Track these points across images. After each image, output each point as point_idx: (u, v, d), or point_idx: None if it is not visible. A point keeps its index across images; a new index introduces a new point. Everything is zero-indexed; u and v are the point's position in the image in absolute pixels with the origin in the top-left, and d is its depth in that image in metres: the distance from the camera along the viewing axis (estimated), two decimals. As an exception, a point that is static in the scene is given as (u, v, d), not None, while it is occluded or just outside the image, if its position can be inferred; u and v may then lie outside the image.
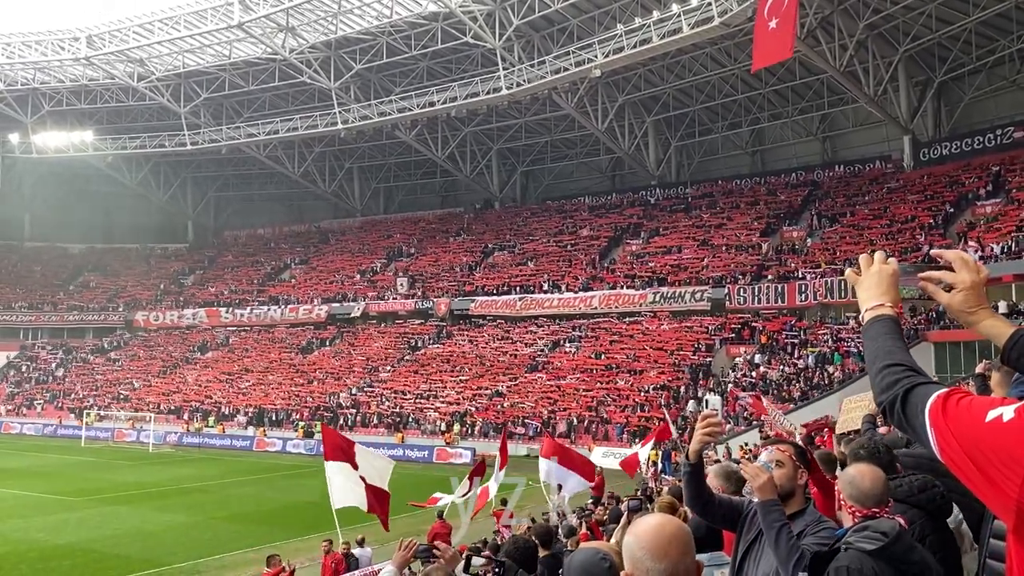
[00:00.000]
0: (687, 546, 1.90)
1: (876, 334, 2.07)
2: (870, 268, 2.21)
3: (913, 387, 1.87)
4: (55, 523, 23.20)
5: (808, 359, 36.67)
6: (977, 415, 1.69)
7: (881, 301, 2.13)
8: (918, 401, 1.83)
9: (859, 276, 2.22)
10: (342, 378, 51.02)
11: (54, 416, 54.09)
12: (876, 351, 2.03)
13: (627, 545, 1.90)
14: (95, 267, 73.12)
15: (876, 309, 2.13)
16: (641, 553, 1.86)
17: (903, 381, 1.90)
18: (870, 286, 2.18)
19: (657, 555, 1.85)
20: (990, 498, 1.65)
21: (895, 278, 2.17)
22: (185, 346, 61.76)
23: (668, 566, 1.84)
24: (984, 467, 1.63)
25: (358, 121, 53.90)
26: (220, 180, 73.61)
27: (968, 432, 1.69)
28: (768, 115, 52.32)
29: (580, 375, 43.04)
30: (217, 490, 30.04)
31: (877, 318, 2.11)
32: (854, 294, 2.25)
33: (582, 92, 48.79)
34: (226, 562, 18.80)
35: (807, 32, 38.27)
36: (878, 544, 2.80)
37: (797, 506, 3.67)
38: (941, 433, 1.74)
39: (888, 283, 2.16)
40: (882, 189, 45.46)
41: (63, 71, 58.99)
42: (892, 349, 2.01)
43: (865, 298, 2.17)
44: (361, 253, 64.99)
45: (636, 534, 1.92)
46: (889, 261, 2.21)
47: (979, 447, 1.65)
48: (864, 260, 2.24)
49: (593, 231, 55.46)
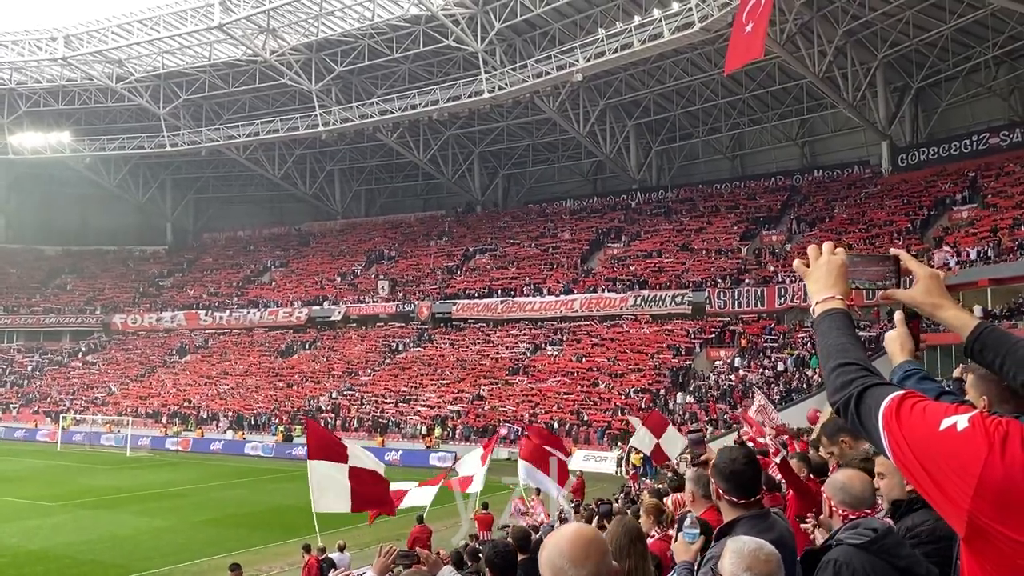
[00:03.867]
0: (605, 550, 1.91)
1: (828, 329, 2.04)
2: (818, 260, 2.17)
3: (867, 388, 1.84)
4: (29, 528, 22.91)
5: (787, 362, 36.92)
6: (931, 423, 1.67)
7: (831, 293, 2.10)
8: (872, 403, 1.80)
9: (808, 268, 2.19)
10: (322, 381, 50.77)
11: (29, 420, 53.44)
12: (829, 348, 1.99)
13: (547, 558, 1.89)
14: (72, 269, 72.32)
15: (826, 302, 2.09)
16: (562, 561, 1.86)
17: (857, 381, 1.87)
18: (819, 278, 2.14)
19: (577, 560, 1.85)
20: (942, 507, 1.64)
21: (844, 269, 2.14)
22: (163, 349, 61.24)
23: (591, 569, 1.85)
24: (936, 476, 1.62)
25: (339, 123, 53.70)
26: (199, 182, 73.07)
27: (921, 440, 1.67)
28: (748, 120, 52.66)
29: (561, 378, 43.07)
30: (195, 494, 29.79)
31: (828, 312, 2.08)
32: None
33: (564, 96, 48.89)
34: (203, 567, 18.64)
35: (786, 37, 38.56)
36: (867, 538, 2.82)
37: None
38: (894, 438, 1.72)
39: (837, 274, 2.12)
40: (860, 194, 45.87)
41: (40, 71, 58.35)
42: (845, 346, 1.97)
43: (815, 290, 2.13)
44: (342, 256, 64.73)
45: (555, 543, 1.91)
46: (837, 251, 2.17)
47: (932, 456, 1.64)
48: (812, 251, 2.20)
49: (574, 234, 55.56)
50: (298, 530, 19.25)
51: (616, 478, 29.64)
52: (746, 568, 2.44)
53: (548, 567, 1.88)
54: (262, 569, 18.24)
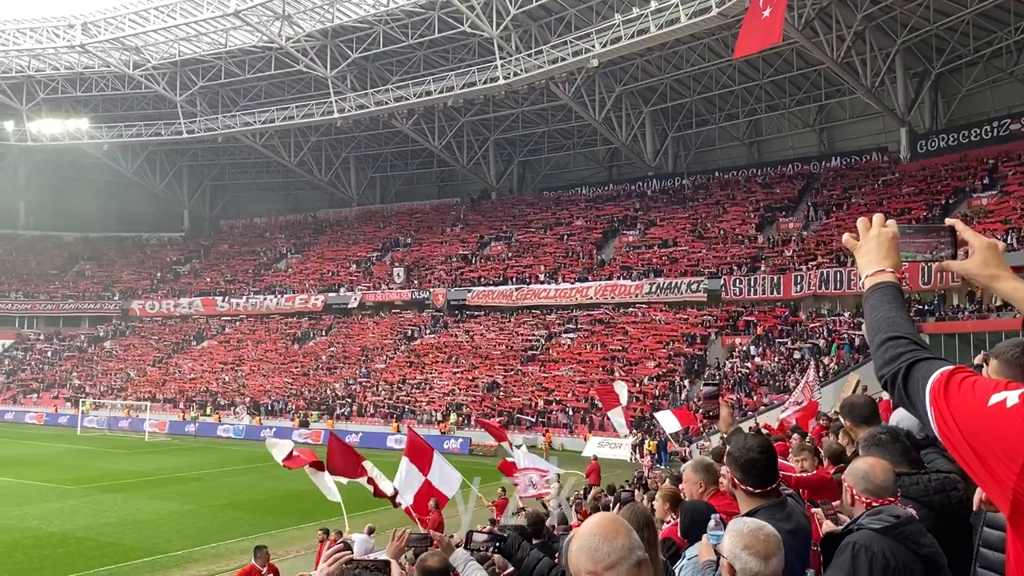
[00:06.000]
0: (631, 528, 1.96)
1: (877, 303, 1.99)
2: (869, 232, 2.11)
3: (916, 362, 1.80)
4: (50, 511, 23.21)
5: (803, 350, 36.77)
6: (980, 398, 1.62)
7: (881, 267, 2.04)
8: (920, 377, 1.76)
9: (858, 241, 2.13)
10: (338, 368, 51.03)
11: (50, 405, 54.06)
12: (878, 322, 1.94)
13: (578, 546, 1.91)
14: (90, 256, 72.90)
15: (876, 276, 2.04)
16: (594, 540, 1.90)
17: (906, 355, 1.82)
18: (869, 251, 2.08)
19: (609, 535, 1.90)
20: (986, 485, 1.60)
21: (895, 241, 2.08)
22: (180, 335, 61.70)
23: (623, 542, 1.88)
24: (982, 453, 1.58)
25: (354, 110, 53.73)
26: (216, 169, 73.40)
27: (968, 415, 1.63)
28: (765, 106, 52.26)
29: (575, 366, 43.10)
30: (213, 479, 30.06)
31: (877, 285, 2.02)
32: (853, 262, 2.16)
33: (579, 82, 48.69)
34: (221, 551, 18.82)
35: (805, 23, 38.18)
36: (888, 524, 2.79)
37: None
38: (941, 414, 1.68)
39: (888, 247, 2.06)
40: (878, 181, 45.47)
41: (58, 59, 58.69)
42: (895, 320, 1.92)
43: (864, 264, 2.07)
44: (357, 243, 64.89)
45: (584, 530, 1.95)
46: (888, 224, 2.11)
47: (977, 432, 1.59)
48: (862, 224, 2.14)
49: (589, 222, 55.43)
50: (314, 514, 19.43)
51: (631, 464, 29.69)
52: (744, 547, 2.45)
53: (582, 551, 1.89)
54: (279, 553, 18.39)
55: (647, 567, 1.90)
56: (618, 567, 1.86)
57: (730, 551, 2.46)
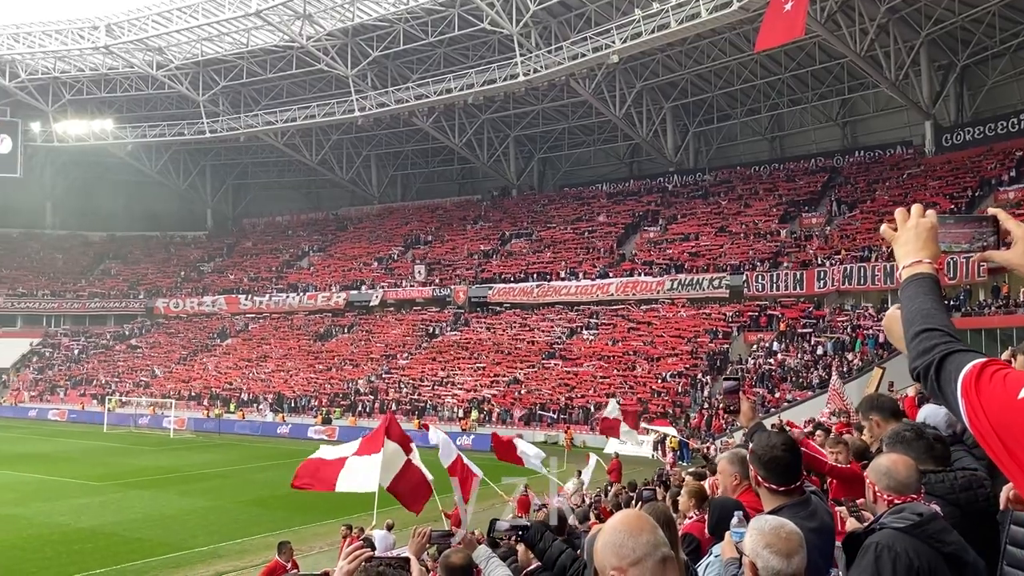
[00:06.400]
0: (656, 524, 1.96)
1: (914, 294, 1.96)
2: (907, 223, 2.07)
3: (949, 354, 1.78)
4: (78, 507, 23.52)
5: (826, 346, 36.49)
6: (1011, 391, 1.60)
7: (919, 257, 2.01)
8: (952, 369, 1.74)
9: (895, 232, 2.09)
10: (360, 365, 51.28)
11: (77, 402, 54.75)
12: (913, 313, 1.92)
13: (604, 542, 1.92)
14: (116, 255, 73.73)
15: (914, 267, 2.00)
16: (619, 536, 1.90)
17: (939, 347, 1.81)
18: (907, 241, 2.04)
19: (634, 531, 1.90)
20: (1016, 478, 1.60)
21: (934, 232, 2.03)
22: (205, 333, 62.26)
23: (648, 538, 1.89)
24: (1012, 446, 1.58)
25: (375, 108, 53.92)
26: (238, 168, 73.95)
27: (999, 408, 1.61)
28: (787, 100, 51.86)
29: (597, 362, 43.04)
30: (237, 475, 30.33)
31: (914, 276, 1.99)
32: (891, 254, 2.13)
33: (600, 78, 48.53)
34: (246, 546, 18.99)
35: (827, 16, 37.83)
36: (911, 522, 2.75)
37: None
38: (972, 406, 1.67)
39: (927, 237, 2.02)
40: (903, 175, 44.98)
41: (83, 60, 59.37)
42: (930, 311, 1.90)
43: (902, 254, 2.04)
44: (378, 240, 65.14)
45: (609, 526, 1.97)
46: (928, 214, 2.07)
47: (1008, 425, 1.58)
48: (900, 214, 2.10)
49: (610, 218, 55.29)
50: (337, 511, 19.54)
51: (653, 461, 29.62)
52: (766, 545, 2.44)
53: (607, 547, 1.89)
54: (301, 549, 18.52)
55: (672, 564, 1.90)
56: (643, 563, 1.86)
57: (752, 549, 2.45)
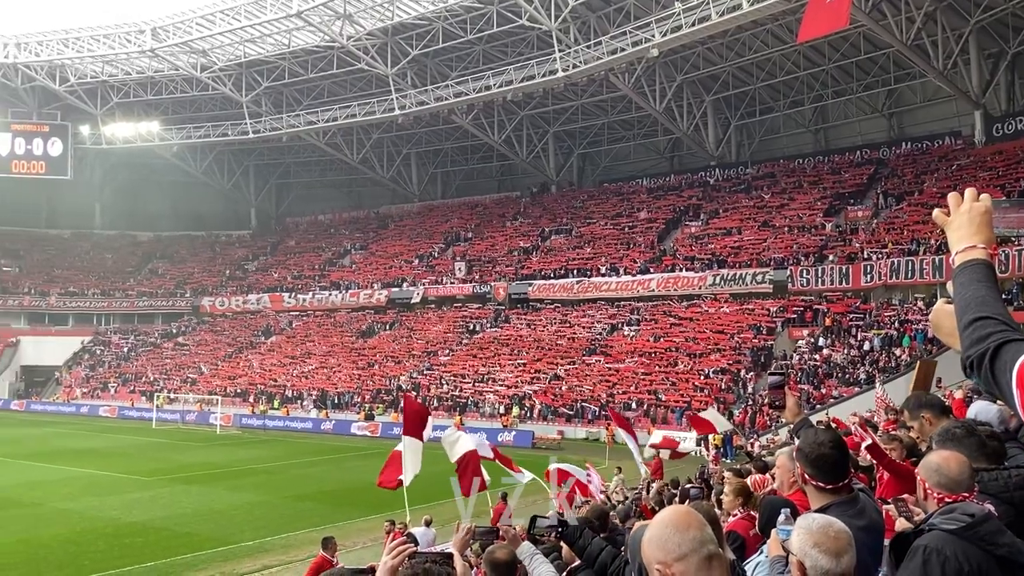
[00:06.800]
0: (704, 520, 1.98)
1: (967, 281, 1.92)
2: (960, 208, 2.02)
3: (1005, 343, 1.74)
4: (128, 501, 24.01)
5: (873, 341, 35.83)
6: None
7: (973, 243, 1.96)
8: (1008, 359, 1.71)
9: (949, 217, 2.05)
10: (402, 361, 51.63)
11: (126, 399, 55.97)
12: (967, 300, 1.89)
13: (650, 537, 1.94)
14: (163, 254, 75.26)
15: (967, 252, 1.96)
16: (666, 531, 1.93)
17: (995, 336, 1.77)
18: (960, 226, 1.99)
19: (681, 527, 1.93)
20: None
21: (988, 216, 1.99)
22: (250, 331, 63.22)
23: (695, 535, 1.91)
24: None
25: (415, 106, 54.23)
26: (281, 167, 74.90)
27: None
28: (832, 92, 50.97)
29: (639, 358, 42.79)
30: (283, 471, 30.74)
31: (968, 263, 1.94)
32: (939, 247, 2.09)
33: (639, 72, 48.19)
34: (290, 541, 19.23)
35: (872, 5, 37.13)
36: (963, 524, 2.67)
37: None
38: None
39: (981, 222, 1.97)
40: (951, 166, 43.97)
41: (130, 63, 60.61)
42: (985, 299, 1.86)
43: (955, 240, 1.99)
44: (419, 238, 65.52)
45: (656, 522, 1.98)
46: (982, 198, 2.02)
47: None
48: (954, 199, 2.06)
49: (651, 213, 54.92)
50: (381, 507, 19.67)
51: (695, 458, 29.35)
52: (814, 544, 2.39)
53: (653, 542, 1.91)
54: (345, 544, 18.70)
55: (719, 561, 1.89)
56: (688, 559, 1.85)
57: (800, 548, 2.41)
